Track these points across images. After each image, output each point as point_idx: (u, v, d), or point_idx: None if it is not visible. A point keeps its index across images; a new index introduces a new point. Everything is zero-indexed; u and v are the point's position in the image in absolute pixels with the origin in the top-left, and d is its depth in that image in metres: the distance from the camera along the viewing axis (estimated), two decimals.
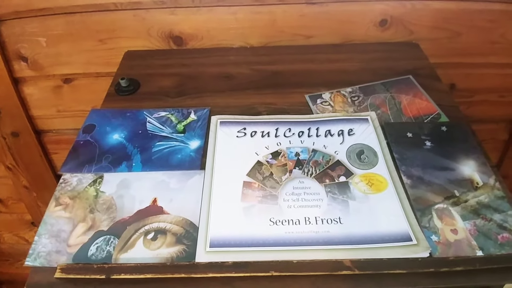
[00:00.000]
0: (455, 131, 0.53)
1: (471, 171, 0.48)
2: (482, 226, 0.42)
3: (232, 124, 0.55)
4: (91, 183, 0.49)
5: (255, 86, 0.63)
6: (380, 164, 0.49)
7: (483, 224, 0.43)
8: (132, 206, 0.46)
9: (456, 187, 0.46)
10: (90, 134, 0.55)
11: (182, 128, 0.56)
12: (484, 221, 0.43)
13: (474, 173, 0.48)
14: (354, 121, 0.55)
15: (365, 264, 0.39)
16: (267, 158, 0.50)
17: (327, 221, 0.43)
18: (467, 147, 0.51)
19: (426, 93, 0.61)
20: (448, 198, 0.45)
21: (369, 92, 0.62)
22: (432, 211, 0.44)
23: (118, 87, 0.63)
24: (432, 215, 0.44)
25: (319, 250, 0.40)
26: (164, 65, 0.69)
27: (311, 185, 0.47)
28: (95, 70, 0.80)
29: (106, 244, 0.42)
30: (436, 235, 0.42)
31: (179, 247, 0.42)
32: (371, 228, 0.42)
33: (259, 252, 0.40)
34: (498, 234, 0.42)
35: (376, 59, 0.69)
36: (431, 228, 0.42)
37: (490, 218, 0.43)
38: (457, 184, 0.47)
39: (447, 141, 0.52)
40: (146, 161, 0.51)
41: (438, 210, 0.44)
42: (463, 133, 0.53)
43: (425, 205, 0.45)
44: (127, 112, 0.58)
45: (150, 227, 0.44)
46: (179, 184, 0.48)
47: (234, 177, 0.48)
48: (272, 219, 0.43)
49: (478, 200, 0.45)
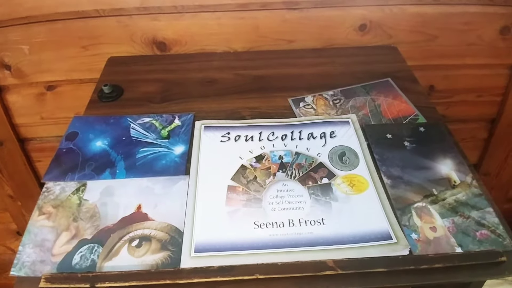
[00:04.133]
0: (432, 132, 0.55)
1: (449, 170, 0.49)
2: (461, 224, 0.43)
3: (216, 129, 0.55)
4: (74, 191, 0.48)
5: (239, 91, 0.64)
6: (361, 165, 0.50)
7: (462, 221, 0.44)
8: (116, 213, 0.45)
9: (434, 185, 0.47)
10: (73, 142, 0.55)
11: (166, 134, 0.56)
12: (462, 219, 0.44)
13: (451, 172, 0.49)
14: (336, 124, 0.56)
15: (347, 264, 0.40)
16: (251, 162, 0.51)
17: (310, 223, 0.44)
18: (444, 146, 0.53)
19: (405, 95, 0.63)
20: (426, 196, 0.46)
21: (350, 95, 0.63)
22: (412, 210, 0.45)
23: (101, 93, 0.62)
24: (411, 214, 0.44)
25: (303, 251, 0.41)
26: (147, 70, 0.69)
27: (294, 187, 0.48)
28: (78, 77, 0.79)
29: (90, 253, 0.42)
30: (416, 233, 0.42)
31: (164, 254, 0.42)
32: (353, 228, 0.43)
33: (244, 255, 0.40)
34: (477, 231, 0.43)
35: (356, 62, 0.71)
36: (411, 227, 0.43)
37: (468, 215, 0.44)
38: (435, 183, 0.48)
39: (425, 141, 0.53)
40: (130, 168, 0.51)
41: (417, 209, 0.45)
42: (440, 133, 0.55)
43: (405, 204, 0.46)
44: (110, 118, 0.58)
45: (134, 234, 0.43)
46: (163, 190, 0.48)
47: (219, 182, 0.48)
48: (257, 222, 0.44)
49: (456, 198, 0.46)
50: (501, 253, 0.40)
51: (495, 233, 0.43)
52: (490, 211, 0.45)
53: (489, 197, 0.46)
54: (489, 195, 0.46)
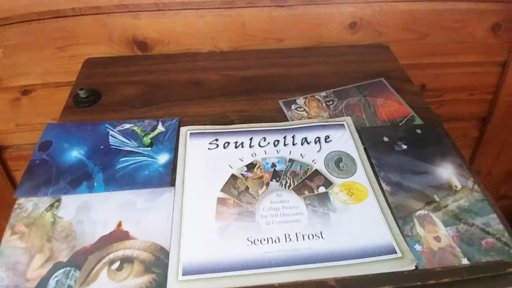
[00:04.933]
0: (429, 134, 0.53)
1: (449, 174, 0.47)
2: (465, 232, 0.41)
3: (203, 135, 0.52)
4: (47, 207, 0.44)
5: (226, 93, 0.61)
6: (359, 172, 0.48)
7: (466, 229, 0.42)
8: (93, 232, 0.42)
9: (435, 191, 0.45)
10: (46, 152, 0.50)
11: (149, 141, 0.52)
12: (466, 226, 0.42)
13: (452, 176, 0.47)
14: (330, 127, 0.54)
15: (350, 282, 0.37)
16: (242, 171, 0.48)
17: (308, 237, 0.41)
18: (442, 149, 0.51)
19: (399, 96, 0.61)
20: (428, 203, 0.44)
21: (343, 96, 0.60)
22: (414, 219, 0.42)
23: (77, 98, 0.58)
24: (414, 223, 0.42)
25: (301, 270, 0.38)
26: (127, 72, 0.65)
27: (289, 198, 0.45)
28: (54, 80, 0.75)
29: (66, 277, 0.38)
30: (419, 244, 0.40)
31: (148, 277, 0.38)
32: (353, 241, 0.40)
33: (237, 277, 0.37)
34: (482, 239, 0.41)
35: (347, 62, 0.69)
36: (414, 237, 0.41)
37: (472, 222, 0.42)
38: (436, 188, 0.46)
39: (422, 144, 0.51)
40: (109, 180, 0.47)
41: (420, 217, 0.43)
42: (437, 135, 0.53)
43: (406, 212, 0.43)
44: (87, 125, 0.54)
45: (115, 255, 0.40)
46: (146, 203, 0.44)
47: (207, 194, 0.45)
48: (250, 238, 0.41)
49: (458, 204, 0.44)
50: (509, 263, 0.38)
51: (500, 241, 0.41)
52: (494, 217, 0.43)
53: (492, 202, 0.44)
54: (492, 200, 0.44)
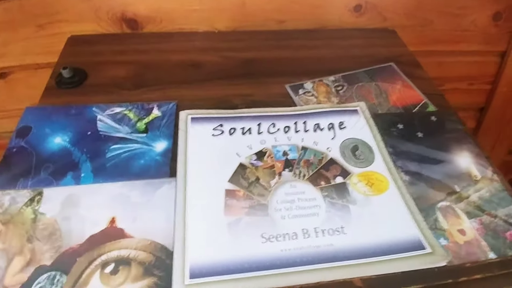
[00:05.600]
0: (444, 121, 0.51)
1: (468, 163, 0.45)
2: (489, 224, 0.39)
3: (206, 121, 0.47)
4: (27, 202, 0.38)
5: (227, 76, 0.56)
6: (377, 161, 0.44)
7: (489, 221, 0.39)
8: (82, 230, 0.36)
9: (456, 181, 0.43)
10: (25, 139, 0.44)
11: (143, 127, 0.46)
12: (490, 218, 0.40)
13: (471, 165, 0.45)
14: (343, 113, 0.50)
15: (377, 282, 0.35)
16: (251, 160, 0.43)
17: (328, 232, 0.37)
18: (458, 137, 0.49)
19: (410, 81, 0.57)
20: (450, 194, 0.42)
21: (353, 81, 0.56)
22: (436, 211, 0.40)
23: (60, 78, 0.52)
24: (436, 215, 0.40)
25: (324, 269, 0.35)
26: (116, 51, 0.59)
27: (305, 189, 0.41)
28: (34, 61, 0.68)
29: (51, 284, 0.33)
30: (444, 238, 0.38)
31: (149, 281, 0.33)
32: (378, 237, 0.37)
33: (252, 278, 0.34)
34: (506, 232, 0.39)
35: (354, 46, 0.65)
36: (438, 230, 0.39)
37: (495, 214, 0.40)
38: (456, 178, 0.43)
39: (438, 131, 0.49)
40: (98, 170, 0.41)
41: (442, 209, 0.40)
42: (453, 122, 0.51)
43: (428, 204, 0.41)
44: (71, 109, 0.48)
45: (108, 256, 0.34)
46: (143, 197, 0.39)
47: (214, 185, 0.40)
48: (264, 235, 0.36)
49: (480, 195, 0.42)
50: None
51: None
52: None
53: None
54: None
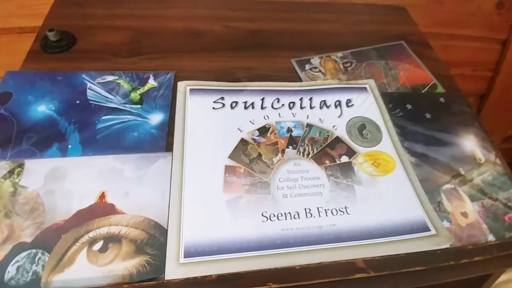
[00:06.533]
0: (452, 103, 0.49)
1: (473, 146, 0.44)
2: (490, 207, 0.39)
3: (206, 93, 0.44)
4: (5, 174, 0.35)
5: (230, 47, 0.52)
6: (384, 141, 0.42)
7: (491, 204, 0.39)
8: (68, 205, 0.33)
9: (461, 164, 0.42)
10: (4, 106, 0.40)
11: (138, 98, 0.43)
12: (491, 201, 0.39)
13: (476, 148, 0.44)
14: (352, 90, 0.47)
15: (381, 264, 0.33)
16: (253, 135, 0.40)
17: (331, 212, 0.35)
18: (465, 120, 0.47)
19: (420, 61, 0.55)
20: (454, 177, 0.41)
21: (362, 58, 0.53)
22: (441, 193, 0.40)
23: (45, 42, 0.47)
24: (441, 198, 0.39)
25: (326, 249, 0.33)
26: (110, 15, 0.54)
27: (309, 167, 0.38)
28: (17, 25, 0.63)
29: (31, 262, 0.30)
30: (447, 220, 0.37)
31: (141, 259, 0.31)
32: (382, 217, 0.36)
33: (251, 258, 0.32)
34: (505, 215, 0.38)
35: (364, 21, 0.62)
36: (442, 213, 0.38)
37: (496, 197, 0.40)
38: (461, 161, 0.43)
39: (446, 113, 0.48)
40: (87, 142, 0.38)
41: (447, 192, 0.40)
42: (461, 105, 0.49)
43: (433, 186, 0.40)
44: (58, 75, 0.44)
45: (96, 233, 0.32)
46: (137, 172, 0.36)
47: (213, 161, 0.38)
48: (265, 214, 0.34)
49: (483, 178, 0.41)
50: None
51: None
52: None
53: None
54: None
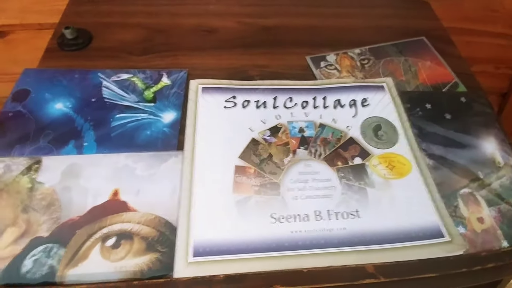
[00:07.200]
0: (474, 103, 0.48)
1: (493, 149, 0.43)
2: (506, 212, 0.38)
3: (218, 91, 0.44)
4: (23, 170, 0.36)
5: (243, 44, 0.52)
6: (401, 142, 0.41)
7: (507, 209, 0.38)
8: (83, 201, 0.34)
9: (480, 167, 0.41)
10: (23, 103, 0.41)
11: (151, 96, 0.43)
12: (508, 206, 0.38)
13: (495, 152, 0.43)
14: (368, 89, 0.46)
15: (391, 269, 0.33)
16: (264, 135, 0.40)
17: (342, 216, 0.35)
18: (486, 121, 0.46)
19: (442, 58, 0.53)
20: (473, 181, 0.40)
21: (380, 54, 0.52)
22: (458, 197, 0.38)
23: (62, 39, 0.48)
24: (458, 202, 0.38)
25: (335, 253, 0.33)
26: (124, 13, 0.55)
27: (320, 169, 0.38)
28: (36, 21, 0.65)
29: (47, 256, 0.31)
30: (463, 226, 0.36)
31: (151, 256, 0.31)
32: (395, 222, 0.35)
33: (259, 259, 0.32)
34: None
35: (383, 16, 0.60)
36: (457, 218, 0.37)
37: None
38: (480, 164, 0.41)
39: (467, 114, 0.46)
40: (102, 140, 0.39)
41: (464, 196, 0.39)
42: (482, 105, 0.47)
43: (450, 190, 0.39)
44: (74, 73, 0.45)
45: (109, 230, 0.33)
46: (148, 170, 0.37)
47: (223, 160, 0.38)
48: (274, 215, 0.34)
49: (501, 182, 0.40)
50: None
51: None
52: None
53: None
54: None
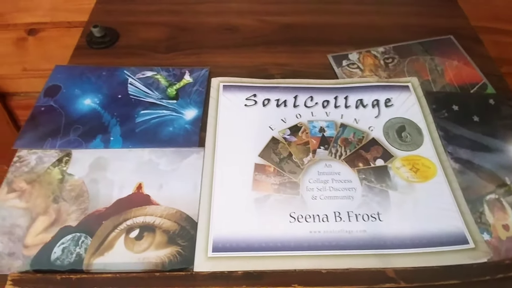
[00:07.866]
0: (502, 106, 0.46)
1: None
2: None
3: (239, 89, 0.44)
4: (55, 162, 0.37)
5: (265, 42, 0.52)
6: (426, 144, 0.40)
7: None
8: (109, 194, 0.35)
9: (507, 173, 0.39)
10: (54, 98, 0.43)
11: (174, 93, 0.44)
12: None
13: None
14: (392, 89, 0.45)
15: (412, 275, 0.32)
16: (284, 134, 0.40)
17: (362, 218, 0.34)
18: None
19: (470, 58, 0.51)
20: (499, 186, 0.39)
21: (405, 53, 0.50)
22: (484, 204, 0.37)
23: (91, 37, 0.50)
24: (483, 208, 0.37)
25: (354, 255, 0.32)
26: (150, 12, 0.56)
27: (340, 169, 0.37)
28: (65, 19, 0.67)
29: (75, 245, 0.32)
30: (487, 233, 0.35)
31: (172, 249, 0.32)
32: (417, 226, 0.34)
33: (277, 258, 0.32)
34: None
35: (408, 13, 0.58)
36: (482, 224, 0.36)
37: None
38: (508, 170, 0.40)
39: (495, 117, 0.45)
40: (127, 135, 0.40)
41: (490, 202, 0.37)
42: (510, 107, 0.45)
43: (476, 196, 0.38)
44: (102, 70, 0.46)
45: (133, 222, 0.34)
46: (171, 165, 0.37)
47: (243, 158, 0.38)
48: (293, 214, 0.34)
49: None
50: None
51: None
52: None
53: None
54: None
